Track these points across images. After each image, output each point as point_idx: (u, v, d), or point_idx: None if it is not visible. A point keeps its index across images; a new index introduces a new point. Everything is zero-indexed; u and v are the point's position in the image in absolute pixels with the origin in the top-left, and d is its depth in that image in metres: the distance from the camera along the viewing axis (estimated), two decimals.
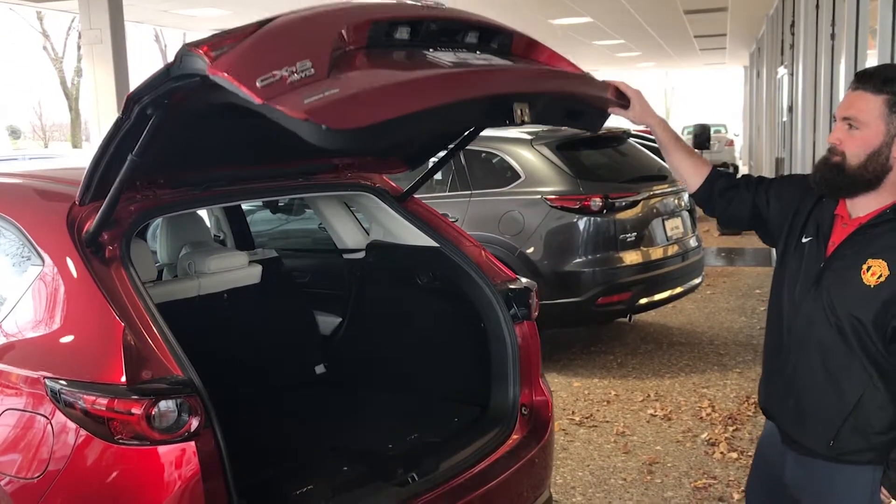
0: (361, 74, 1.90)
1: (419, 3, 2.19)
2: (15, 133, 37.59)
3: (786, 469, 2.14)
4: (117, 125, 2.08)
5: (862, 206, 2.01)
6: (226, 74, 1.73)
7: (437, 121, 2.06)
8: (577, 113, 2.39)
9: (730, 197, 2.29)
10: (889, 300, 1.90)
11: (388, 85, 1.86)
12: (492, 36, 2.35)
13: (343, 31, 1.95)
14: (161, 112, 1.97)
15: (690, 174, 2.33)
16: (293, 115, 1.65)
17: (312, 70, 1.76)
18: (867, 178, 1.96)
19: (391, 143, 2.84)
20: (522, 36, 2.42)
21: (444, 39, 2.22)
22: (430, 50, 2.13)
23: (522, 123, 2.10)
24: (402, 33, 2.11)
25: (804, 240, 2.11)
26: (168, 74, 1.88)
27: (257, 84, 1.70)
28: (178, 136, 2.19)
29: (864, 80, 1.96)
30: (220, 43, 1.80)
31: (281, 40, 1.86)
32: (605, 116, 2.43)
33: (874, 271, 1.93)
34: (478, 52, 2.26)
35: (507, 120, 2.08)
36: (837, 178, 1.99)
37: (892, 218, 1.96)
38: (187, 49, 1.81)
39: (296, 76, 1.73)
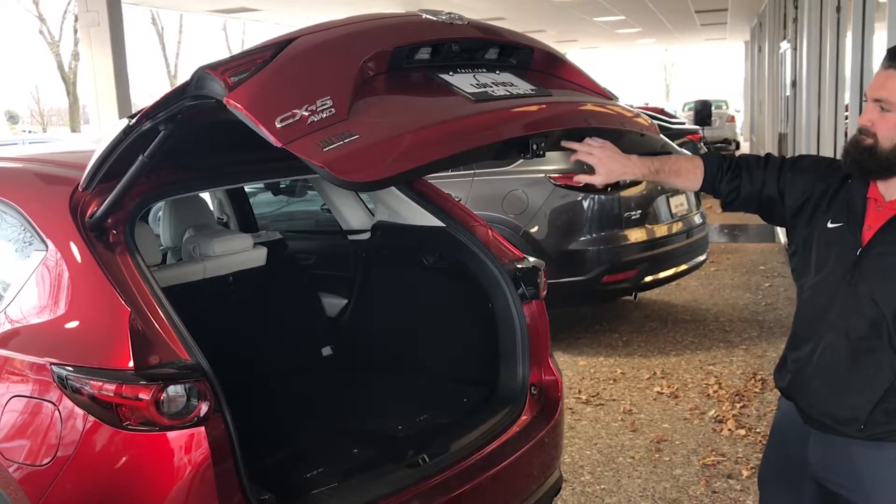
0: (381, 116, 1.87)
1: (441, 18, 2.13)
2: (13, 118, 37.48)
3: (808, 448, 2.10)
4: (126, 132, 2.06)
5: None
6: (245, 111, 1.70)
7: (453, 162, 2.08)
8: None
9: (735, 186, 2.17)
10: None
11: (407, 135, 1.83)
12: (511, 52, 2.32)
13: (365, 60, 1.91)
14: (173, 126, 1.96)
15: (689, 180, 2.23)
16: (312, 161, 1.67)
17: (333, 110, 1.74)
18: None
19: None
20: (542, 50, 2.39)
21: (465, 55, 2.20)
22: (450, 73, 2.12)
23: (537, 156, 2.09)
24: (424, 54, 2.09)
25: (830, 225, 2.02)
26: (183, 93, 1.86)
27: (277, 125, 1.68)
28: (188, 137, 2.15)
29: None
30: (237, 67, 1.77)
31: (300, 71, 1.82)
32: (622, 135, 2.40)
33: None
34: (497, 72, 2.23)
35: (523, 154, 2.09)
36: (869, 161, 1.91)
37: None
38: (204, 71, 1.79)
39: (315, 117, 1.72)
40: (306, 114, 1.71)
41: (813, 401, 2.06)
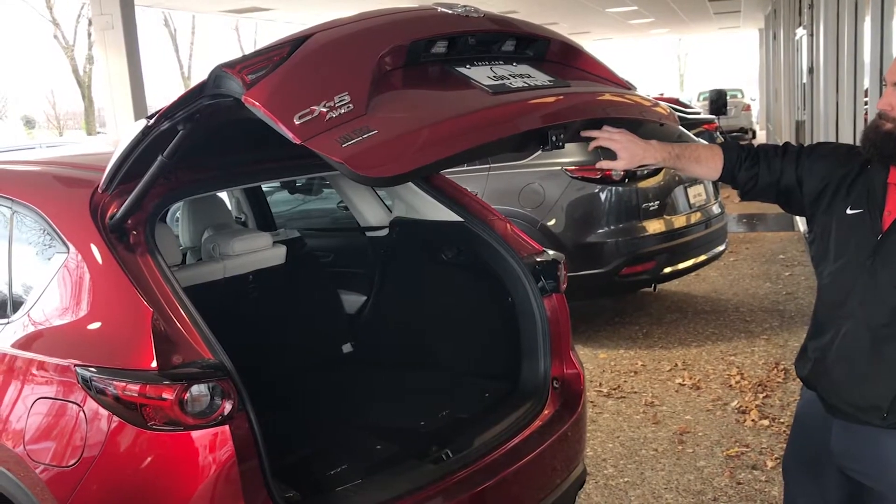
0: (399, 110, 1.86)
1: (457, 11, 2.12)
2: (30, 123, 37.79)
3: (831, 437, 2.08)
4: (144, 132, 2.06)
5: None
6: (263, 108, 1.70)
7: (472, 156, 2.06)
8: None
9: (753, 174, 2.15)
10: None
11: (426, 129, 1.83)
12: (528, 43, 2.31)
13: (382, 55, 1.91)
14: (191, 125, 1.96)
15: (709, 167, 2.20)
16: (331, 157, 1.66)
17: (351, 105, 1.74)
18: None
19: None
20: (559, 41, 2.38)
21: (482, 48, 2.19)
22: (467, 66, 2.11)
23: (556, 148, 2.07)
24: (440, 47, 2.08)
25: (850, 211, 2.00)
26: (201, 92, 1.86)
27: (295, 121, 1.68)
28: (206, 137, 2.15)
29: None
30: (255, 65, 1.77)
31: (318, 67, 1.82)
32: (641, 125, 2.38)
33: None
34: (514, 64, 2.23)
35: (542, 146, 2.08)
36: (889, 145, 1.89)
37: None
38: (221, 69, 1.79)
39: (333, 113, 1.71)
40: (324, 110, 1.71)
41: (834, 389, 2.04)
